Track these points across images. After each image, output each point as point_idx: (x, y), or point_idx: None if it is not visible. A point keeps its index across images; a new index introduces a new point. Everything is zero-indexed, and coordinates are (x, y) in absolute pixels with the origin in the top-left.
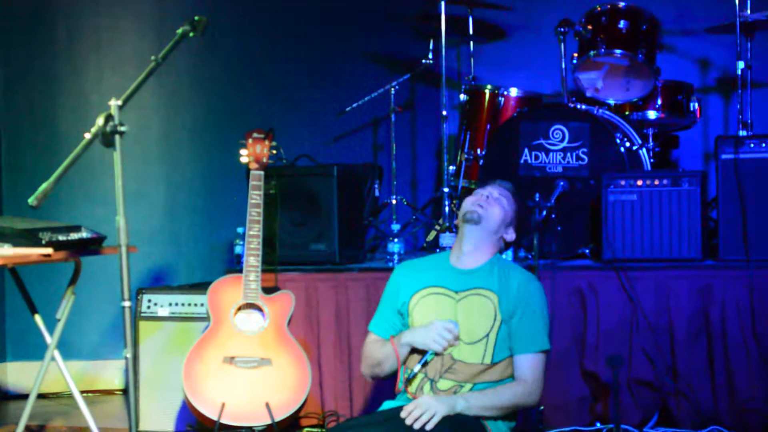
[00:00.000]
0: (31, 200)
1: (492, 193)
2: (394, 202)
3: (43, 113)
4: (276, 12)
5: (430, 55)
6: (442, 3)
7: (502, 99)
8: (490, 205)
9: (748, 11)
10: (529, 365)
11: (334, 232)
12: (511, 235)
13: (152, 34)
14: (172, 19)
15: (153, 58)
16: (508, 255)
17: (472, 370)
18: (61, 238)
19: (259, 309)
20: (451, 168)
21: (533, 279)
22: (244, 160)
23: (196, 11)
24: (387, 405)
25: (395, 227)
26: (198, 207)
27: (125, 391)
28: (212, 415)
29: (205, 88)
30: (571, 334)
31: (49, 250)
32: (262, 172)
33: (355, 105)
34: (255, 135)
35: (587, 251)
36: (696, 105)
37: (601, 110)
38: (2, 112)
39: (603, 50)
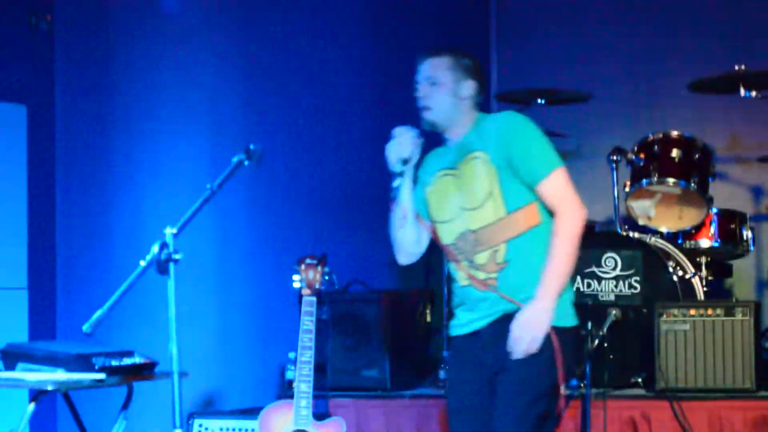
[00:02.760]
0: (86, 327)
1: (422, 87)
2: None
3: (99, 237)
4: (326, 139)
5: None
6: None
7: None
8: (427, 97)
9: None
10: (551, 190)
11: (385, 358)
12: (467, 89)
13: (208, 160)
14: (226, 147)
15: (208, 186)
16: None
17: (493, 230)
18: (114, 363)
19: None
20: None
21: (510, 114)
22: (296, 285)
23: (250, 139)
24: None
25: (446, 353)
26: (250, 331)
27: None
28: None
29: (258, 214)
30: None
31: (102, 375)
32: (314, 298)
33: None
34: (308, 261)
35: (640, 380)
36: (750, 233)
37: (653, 238)
38: (60, 237)
39: (655, 179)
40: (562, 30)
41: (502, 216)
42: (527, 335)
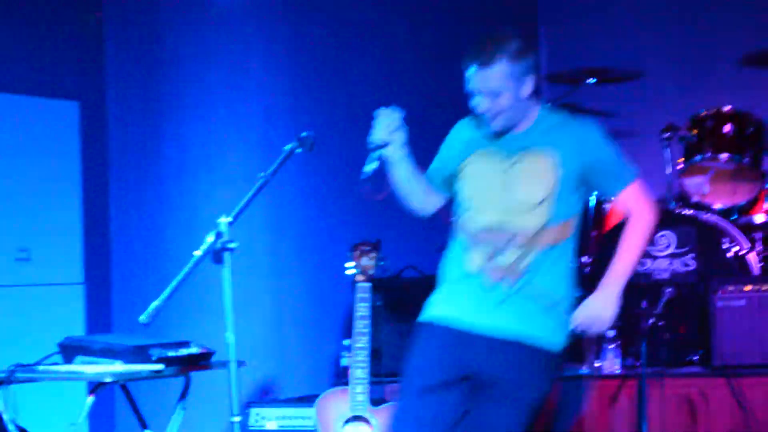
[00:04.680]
0: (143, 318)
1: (482, 100)
2: None
3: (153, 230)
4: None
5: None
6: None
7: (608, 206)
8: (491, 109)
9: None
10: (629, 197)
11: None
12: (529, 86)
13: (259, 150)
14: (277, 137)
15: (261, 174)
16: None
17: (533, 236)
18: (171, 354)
19: (367, 421)
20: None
21: (592, 123)
22: (350, 272)
23: (301, 128)
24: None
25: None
26: (304, 319)
27: None
28: None
29: (311, 201)
30: None
31: (159, 366)
32: (368, 284)
33: None
34: (361, 247)
35: (696, 358)
36: None
37: (707, 215)
38: (114, 231)
39: (709, 155)
40: (611, 8)
41: (547, 226)
42: (595, 321)
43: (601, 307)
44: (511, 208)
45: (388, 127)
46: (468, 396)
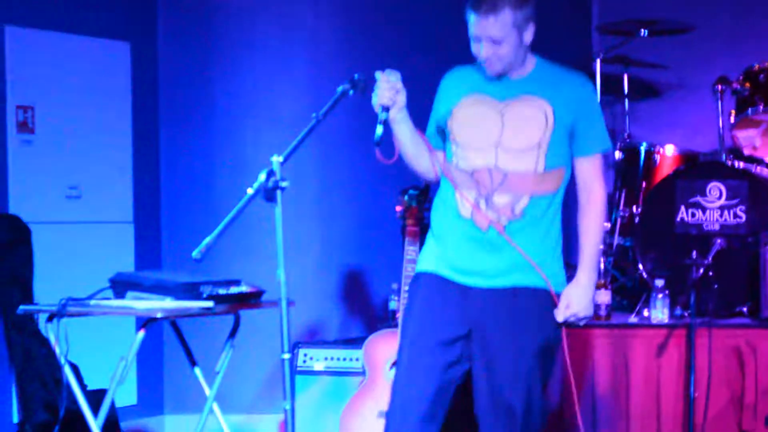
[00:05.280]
0: (195, 253)
1: (484, 47)
2: None
3: (202, 170)
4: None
5: None
6: (597, 62)
7: (658, 157)
8: (492, 55)
9: None
10: (595, 166)
11: None
12: (530, 35)
13: (307, 94)
14: (324, 81)
15: (313, 115)
16: (664, 311)
17: (525, 180)
18: (222, 291)
19: None
20: (606, 225)
21: (586, 78)
22: (399, 216)
23: (349, 72)
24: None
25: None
26: (353, 261)
27: None
28: None
29: (360, 145)
30: (729, 393)
31: (210, 304)
32: (417, 228)
33: None
34: (410, 191)
35: (745, 309)
36: None
37: (759, 168)
38: (164, 171)
39: (761, 108)
40: None
41: (540, 171)
42: (579, 311)
43: (582, 296)
44: (504, 148)
45: (389, 90)
46: (472, 350)
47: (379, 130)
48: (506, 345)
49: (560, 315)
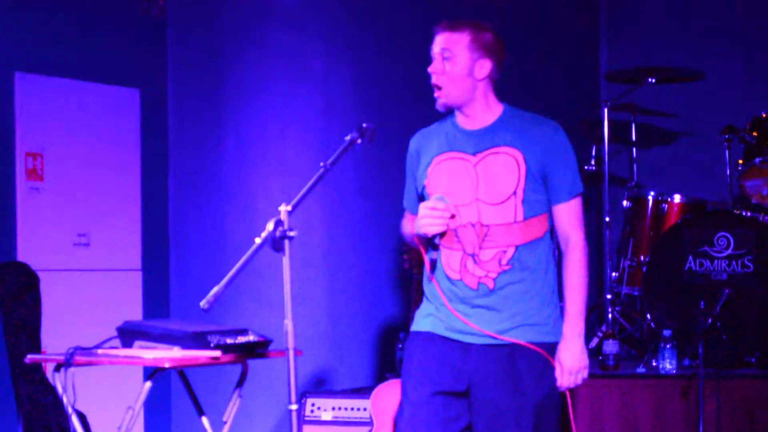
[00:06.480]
0: (203, 303)
1: (435, 61)
2: None
3: (211, 218)
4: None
5: (593, 161)
6: (605, 109)
7: (666, 205)
8: (440, 73)
9: None
10: (571, 213)
11: None
12: (484, 69)
13: (317, 141)
14: (335, 130)
15: (322, 164)
16: (672, 361)
17: (508, 231)
18: (229, 341)
19: None
20: (614, 275)
21: (555, 127)
22: (407, 264)
23: (360, 121)
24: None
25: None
26: (361, 311)
27: None
28: None
29: (368, 195)
30: None
31: (217, 353)
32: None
33: None
34: None
35: (753, 360)
36: None
37: (766, 216)
38: (173, 219)
39: None
40: (672, 7)
41: (519, 219)
42: (574, 375)
43: (576, 358)
44: (483, 203)
45: (441, 217)
46: (472, 407)
47: (434, 255)
48: (506, 402)
49: (560, 381)
